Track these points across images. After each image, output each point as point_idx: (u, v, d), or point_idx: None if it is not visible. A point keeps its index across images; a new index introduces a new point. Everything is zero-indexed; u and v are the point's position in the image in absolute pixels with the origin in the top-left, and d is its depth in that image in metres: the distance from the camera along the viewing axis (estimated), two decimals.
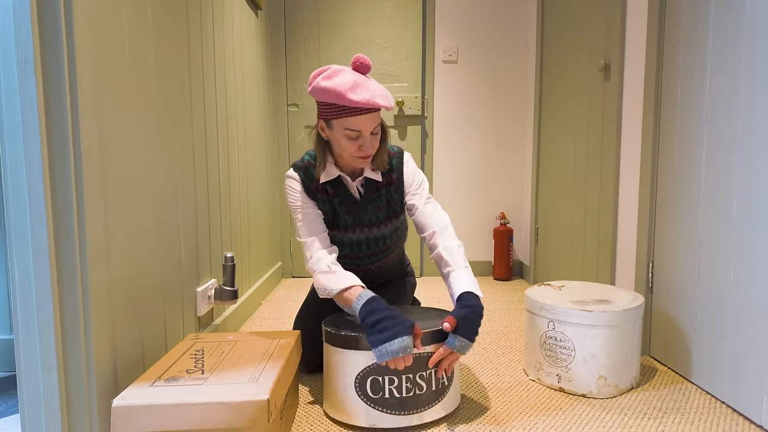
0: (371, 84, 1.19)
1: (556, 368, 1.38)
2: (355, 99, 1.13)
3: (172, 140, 1.32)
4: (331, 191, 1.34)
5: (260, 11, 2.41)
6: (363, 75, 1.20)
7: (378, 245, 1.42)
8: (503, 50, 2.76)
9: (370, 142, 1.22)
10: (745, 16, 1.20)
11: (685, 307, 1.44)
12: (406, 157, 1.39)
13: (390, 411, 1.14)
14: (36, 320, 0.88)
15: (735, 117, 1.24)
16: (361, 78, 1.18)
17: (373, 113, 1.20)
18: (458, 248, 1.28)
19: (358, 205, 1.35)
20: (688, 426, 1.18)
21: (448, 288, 1.25)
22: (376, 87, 1.18)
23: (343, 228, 1.37)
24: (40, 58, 0.86)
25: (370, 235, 1.39)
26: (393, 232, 1.43)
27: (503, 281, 2.75)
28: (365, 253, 1.43)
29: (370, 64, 1.21)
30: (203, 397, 0.90)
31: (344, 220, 1.36)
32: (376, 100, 1.15)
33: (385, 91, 1.20)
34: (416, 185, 1.37)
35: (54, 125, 0.88)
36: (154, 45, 1.21)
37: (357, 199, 1.35)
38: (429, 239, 1.32)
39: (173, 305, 1.32)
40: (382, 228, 1.39)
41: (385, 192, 1.36)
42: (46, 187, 0.87)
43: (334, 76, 1.17)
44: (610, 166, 1.80)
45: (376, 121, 1.21)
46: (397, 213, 1.39)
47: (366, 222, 1.37)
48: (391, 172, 1.36)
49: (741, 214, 1.22)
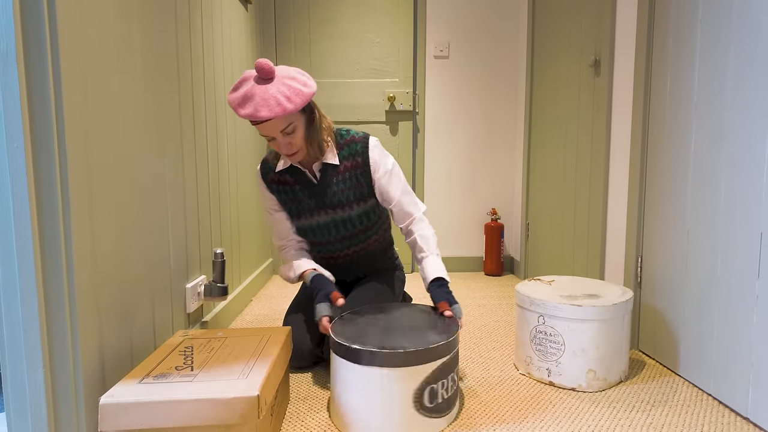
0: (264, 93, 1.18)
1: (546, 362, 1.39)
2: (242, 113, 1.20)
3: (160, 135, 1.30)
4: (291, 179, 1.44)
5: (250, 5, 2.38)
6: (266, 80, 1.20)
7: (347, 227, 1.45)
8: (494, 46, 2.76)
9: (285, 141, 1.28)
10: (733, 12, 1.21)
11: (672, 301, 1.45)
12: (371, 142, 1.43)
13: (440, 414, 1.14)
14: (21, 318, 0.86)
15: (722, 111, 1.25)
16: (255, 88, 1.19)
17: (274, 120, 1.22)
18: (432, 236, 1.43)
19: (317, 188, 1.42)
20: (676, 418, 1.20)
21: (421, 270, 1.41)
22: (266, 95, 1.18)
23: (309, 213, 1.44)
24: (23, 48, 0.84)
25: (336, 217, 1.44)
26: (364, 216, 1.45)
27: (494, 276, 2.77)
28: (335, 237, 1.47)
29: (268, 68, 1.19)
30: (193, 394, 0.89)
31: (308, 204, 1.44)
32: (258, 114, 1.18)
33: (278, 97, 1.18)
34: (384, 170, 1.42)
35: (37, 118, 0.86)
36: (140, 37, 1.19)
37: (315, 183, 1.42)
38: (406, 227, 1.45)
39: (162, 302, 1.31)
40: (347, 210, 1.43)
41: (349, 175, 1.41)
42: (30, 182, 0.85)
43: (235, 88, 1.23)
44: (599, 162, 1.81)
45: (280, 125, 1.24)
46: (365, 196, 1.43)
47: (329, 204, 1.43)
48: (356, 156, 1.42)
49: (727, 208, 1.24)
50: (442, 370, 1.13)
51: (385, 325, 1.23)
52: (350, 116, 2.75)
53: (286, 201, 1.46)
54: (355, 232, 1.47)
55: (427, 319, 1.28)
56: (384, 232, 1.57)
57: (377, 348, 1.08)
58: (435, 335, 1.15)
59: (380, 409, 1.09)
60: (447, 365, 1.14)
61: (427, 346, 1.09)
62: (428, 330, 1.19)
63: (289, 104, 1.19)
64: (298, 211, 1.45)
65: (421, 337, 1.14)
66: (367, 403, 1.10)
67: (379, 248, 1.57)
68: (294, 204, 1.45)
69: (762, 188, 1.13)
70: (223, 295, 1.55)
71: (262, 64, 1.19)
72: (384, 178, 1.42)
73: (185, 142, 1.48)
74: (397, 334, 1.17)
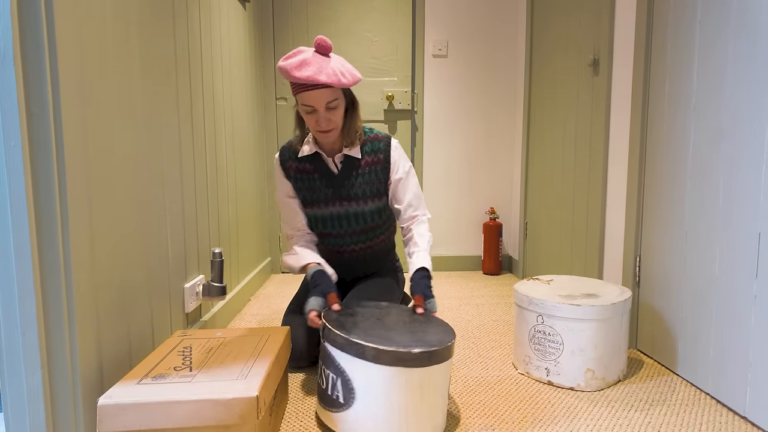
0: (322, 62, 1.25)
1: (545, 362, 1.39)
2: (297, 75, 1.22)
3: (158, 135, 1.30)
4: (311, 167, 1.45)
5: (248, 3, 2.37)
6: (323, 55, 1.28)
7: (359, 222, 1.47)
8: (493, 45, 2.76)
9: (325, 116, 1.30)
10: (731, 12, 1.21)
11: (671, 300, 1.46)
12: (394, 143, 1.47)
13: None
14: (18, 320, 0.86)
15: (721, 112, 1.25)
16: (315, 57, 1.25)
17: (324, 89, 1.26)
18: (429, 238, 1.45)
19: (336, 179, 1.44)
20: (674, 417, 1.20)
21: (409, 262, 1.43)
22: (324, 65, 1.24)
23: (323, 202, 1.46)
24: (20, 50, 0.84)
25: (350, 210, 1.45)
26: (376, 213, 1.46)
27: (492, 275, 2.77)
28: (346, 230, 1.48)
29: (327, 44, 1.27)
30: (192, 395, 0.89)
31: (324, 193, 1.45)
32: (318, 77, 1.22)
33: (336, 69, 1.25)
34: (403, 172, 1.45)
35: (35, 119, 0.86)
36: (138, 37, 1.18)
37: (335, 173, 1.44)
38: (408, 226, 1.47)
39: (160, 302, 1.30)
40: (361, 204, 1.44)
41: (369, 170, 1.43)
42: (28, 183, 0.85)
43: (291, 56, 1.26)
44: (598, 161, 1.82)
45: (327, 96, 1.28)
46: (380, 193, 1.46)
47: (344, 195, 1.44)
48: (378, 153, 1.44)
49: (725, 209, 1.24)
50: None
51: (387, 323, 1.23)
52: None
53: (301, 189, 1.47)
54: (366, 228, 1.48)
55: (422, 319, 1.26)
56: (390, 234, 1.60)
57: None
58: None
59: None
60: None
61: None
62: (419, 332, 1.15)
63: (344, 79, 1.26)
64: (312, 200, 1.46)
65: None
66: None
67: (383, 248, 1.58)
68: (309, 192, 1.46)
69: (760, 188, 1.14)
70: (221, 294, 1.55)
71: (323, 39, 1.26)
72: (401, 179, 1.46)
73: (183, 141, 1.48)
74: (394, 332, 1.16)
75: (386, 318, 1.24)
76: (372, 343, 1.05)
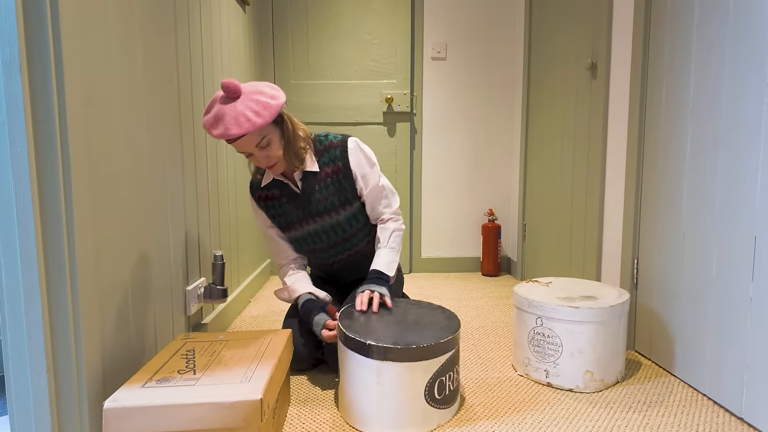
0: (232, 111, 1.19)
1: (544, 364, 1.40)
2: (214, 134, 1.21)
3: (161, 139, 1.30)
4: (277, 192, 1.46)
5: (248, 6, 2.38)
6: (232, 99, 1.21)
7: (337, 233, 1.47)
8: (491, 47, 2.78)
9: (261, 155, 1.30)
10: (729, 17, 1.23)
11: (668, 302, 1.47)
12: (351, 145, 1.43)
13: (447, 405, 1.20)
14: (24, 324, 0.87)
15: (718, 117, 1.27)
16: (222, 108, 1.20)
17: (246, 136, 1.23)
18: (394, 231, 1.47)
19: (301, 198, 1.44)
20: (672, 419, 1.22)
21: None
22: (234, 113, 1.19)
23: (297, 223, 1.46)
24: (26, 56, 0.84)
25: (325, 224, 1.45)
26: (352, 219, 1.46)
27: (491, 277, 2.78)
28: (327, 244, 1.49)
29: (232, 86, 1.19)
30: (196, 398, 0.90)
31: (296, 214, 1.46)
32: (229, 132, 1.19)
33: (246, 114, 1.19)
34: (366, 181, 1.44)
35: (41, 124, 0.87)
36: (141, 41, 1.19)
37: (298, 192, 1.44)
38: (379, 223, 1.50)
39: (163, 305, 1.31)
40: (333, 215, 1.44)
41: (330, 181, 1.43)
42: (34, 187, 0.86)
43: (207, 109, 1.24)
44: (596, 163, 1.83)
45: (254, 140, 1.26)
46: (350, 200, 1.45)
47: (315, 212, 1.44)
48: (336, 161, 1.43)
49: (723, 211, 1.25)
50: (448, 363, 1.18)
51: (392, 321, 1.26)
52: (348, 117, 2.76)
53: (274, 216, 1.48)
54: (345, 237, 1.48)
55: (428, 314, 1.33)
56: (374, 235, 1.58)
57: (391, 344, 1.12)
58: (441, 330, 1.21)
59: (392, 402, 1.13)
60: (452, 358, 1.19)
61: (438, 341, 1.14)
62: (432, 325, 1.24)
63: (258, 119, 1.19)
64: (288, 224, 1.47)
65: (430, 333, 1.19)
66: (379, 396, 1.13)
67: (372, 250, 1.58)
68: (283, 217, 1.47)
69: (756, 192, 1.15)
70: (223, 297, 1.56)
71: (227, 83, 1.19)
72: (368, 191, 1.45)
73: (185, 145, 1.49)
74: (406, 329, 1.21)
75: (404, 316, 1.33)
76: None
